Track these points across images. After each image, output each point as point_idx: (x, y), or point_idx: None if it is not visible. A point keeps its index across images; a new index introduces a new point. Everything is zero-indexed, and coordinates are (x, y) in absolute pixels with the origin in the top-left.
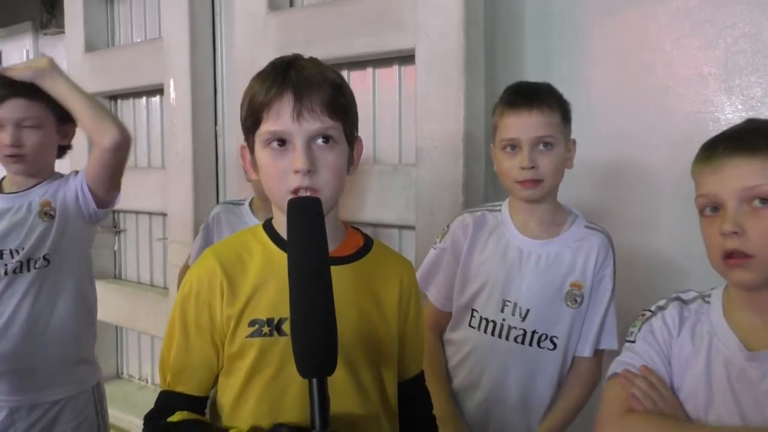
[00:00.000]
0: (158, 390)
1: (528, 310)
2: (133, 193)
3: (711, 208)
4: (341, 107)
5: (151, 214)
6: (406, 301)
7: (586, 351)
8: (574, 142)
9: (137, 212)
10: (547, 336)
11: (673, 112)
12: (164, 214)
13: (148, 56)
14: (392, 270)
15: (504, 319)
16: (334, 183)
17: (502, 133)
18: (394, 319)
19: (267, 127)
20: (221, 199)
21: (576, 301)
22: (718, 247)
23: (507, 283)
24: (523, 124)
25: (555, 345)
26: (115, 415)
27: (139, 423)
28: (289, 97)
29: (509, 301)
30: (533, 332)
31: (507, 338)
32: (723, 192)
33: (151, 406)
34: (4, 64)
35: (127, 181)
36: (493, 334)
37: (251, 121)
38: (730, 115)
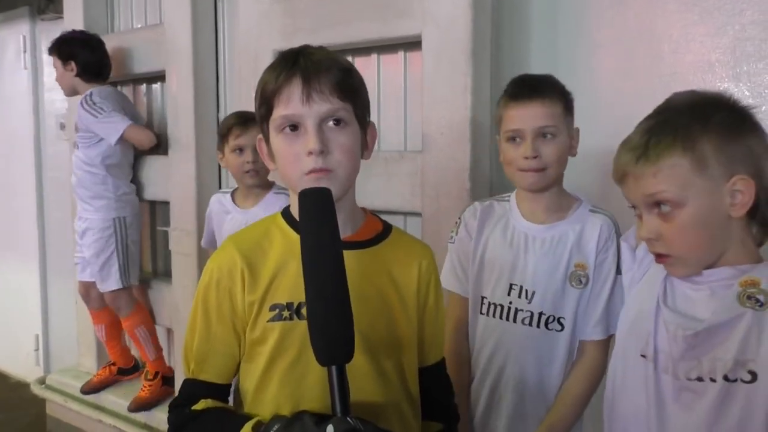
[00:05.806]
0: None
1: (534, 292)
2: (135, 182)
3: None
4: (351, 89)
5: (153, 202)
6: (425, 286)
7: (591, 334)
8: (577, 130)
9: (139, 200)
10: (554, 317)
11: None
12: (167, 202)
13: (149, 42)
14: (411, 255)
15: (511, 302)
16: (347, 164)
17: (506, 125)
18: (413, 304)
19: (279, 112)
20: (224, 187)
21: (581, 281)
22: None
23: (513, 267)
24: (526, 115)
25: (563, 326)
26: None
27: (150, 413)
28: (298, 81)
29: (515, 284)
30: (540, 314)
31: (515, 321)
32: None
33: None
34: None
35: None
36: (501, 317)
37: (264, 109)
38: None
